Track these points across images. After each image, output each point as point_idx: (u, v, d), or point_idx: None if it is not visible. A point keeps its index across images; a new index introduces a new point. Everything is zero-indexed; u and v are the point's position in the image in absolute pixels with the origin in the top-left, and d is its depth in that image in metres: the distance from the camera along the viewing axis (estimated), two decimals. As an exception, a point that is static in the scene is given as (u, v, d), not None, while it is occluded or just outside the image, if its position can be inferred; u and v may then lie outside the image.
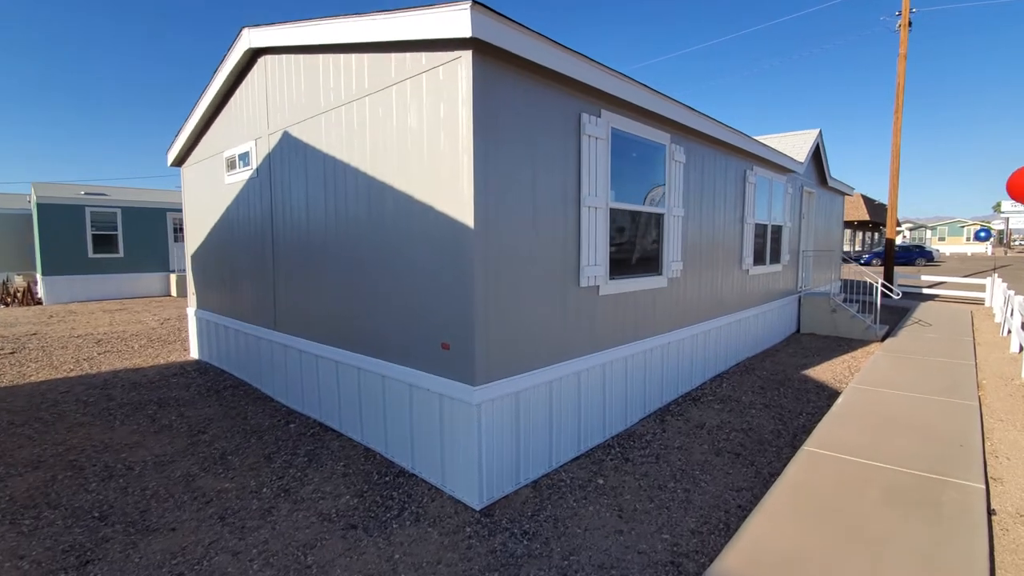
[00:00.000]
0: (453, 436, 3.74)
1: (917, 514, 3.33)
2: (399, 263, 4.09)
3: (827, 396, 6.16)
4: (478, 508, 3.60)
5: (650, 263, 5.51)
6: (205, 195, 7.54)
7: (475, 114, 3.36)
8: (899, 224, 62.03)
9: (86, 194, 16.99)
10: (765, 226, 8.46)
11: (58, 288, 15.96)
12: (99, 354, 8.66)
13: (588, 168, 4.40)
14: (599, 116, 4.51)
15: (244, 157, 6.26)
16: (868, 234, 54.03)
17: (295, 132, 5.27)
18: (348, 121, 4.51)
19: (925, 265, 32.85)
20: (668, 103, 5.16)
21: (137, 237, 17.31)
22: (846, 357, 8.16)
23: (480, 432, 3.58)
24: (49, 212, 15.88)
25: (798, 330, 10.40)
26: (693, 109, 5.62)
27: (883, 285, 9.50)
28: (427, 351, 3.89)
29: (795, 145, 10.13)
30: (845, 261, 15.24)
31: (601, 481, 4.03)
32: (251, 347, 6.56)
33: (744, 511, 3.58)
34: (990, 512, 3.52)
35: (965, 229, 66.92)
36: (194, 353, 8.50)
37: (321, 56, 4.82)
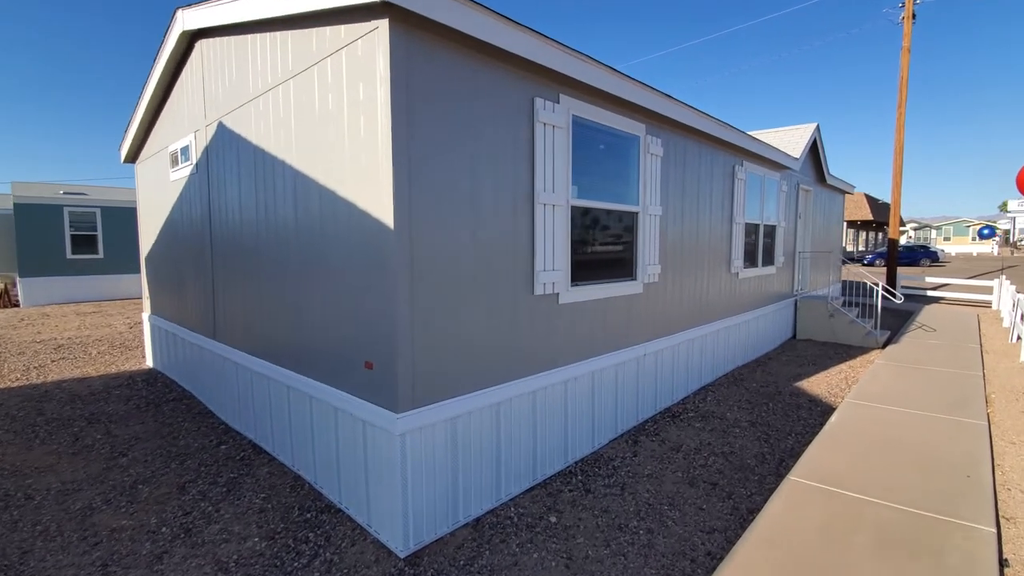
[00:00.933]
0: (377, 469, 3.23)
1: (914, 568, 2.80)
2: (323, 270, 3.59)
3: (820, 412, 5.63)
4: (403, 555, 3.09)
5: (622, 267, 4.99)
6: (154, 193, 7.06)
7: (394, 95, 2.85)
8: (903, 224, 61.24)
9: (65, 193, 16.55)
10: (757, 226, 7.92)
11: (36, 290, 15.54)
12: (52, 362, 8.19)
13: (544, 160, 3.89)
14: (557, 102, 4.00)
15: (185, 152, 5.77)
16: (872, 234, 53.31)
17: (228, 122, 4.77)
18: (275, 108, 4.01)
19: (930, 266, 32.17)
20: (640, 89, 4.64)
21: (117, 237, 16.86)
22: (843, 366, 7.62)
23: (405, 466, 3.07)
24: (26, 212, 15.46)
25: (794, 336, 9.85)
26: (670, 96, 5.10)
27: (884, 288, 8.95)
28: (352, 371, 3.38)
29: (791, 140, 9.59)
30: (847, 262, 14.66)
31: (554, 519, 3.52)
32: (195, 357, 6.07)
33: (714, 560, 3.06)
34: (1002, 563, 2.99)
35: (971, 229, 66.04)
36: (149, 361, 8.02)
37: (250, 36, 4.32)
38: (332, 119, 3.35)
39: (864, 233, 51.69)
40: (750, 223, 7.65)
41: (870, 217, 40.98)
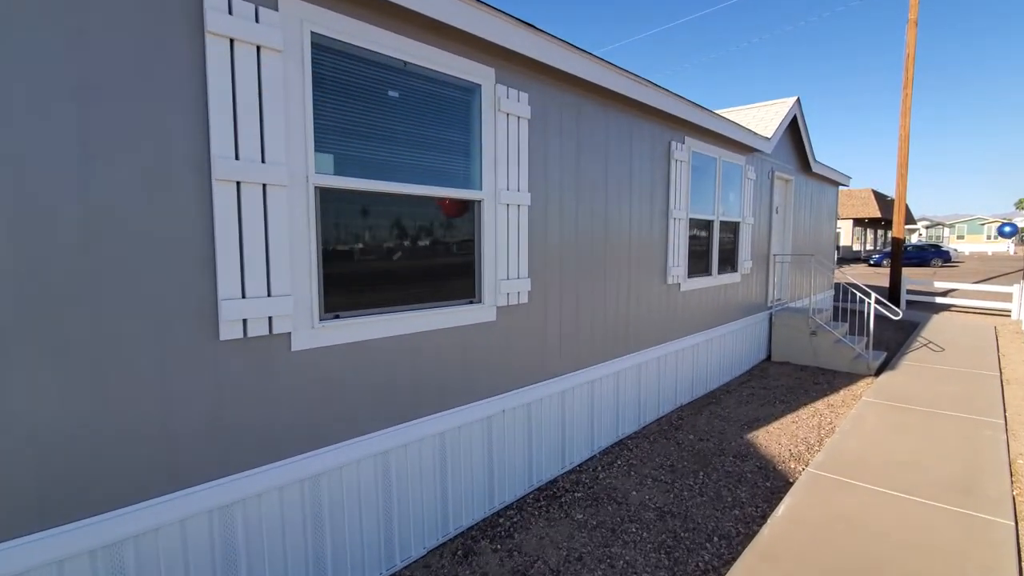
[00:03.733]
0: None
1: None
2: None
3: (768, 492, 3.89)
4: None
5: (451, 285, 3.29)
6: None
7: None
8: (915, 222, 58.81)
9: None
10: (709, 222, 6.17)
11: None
12: None
13: (243, 107, 2.22)
14: (275, 8, 2.32)
15: None
16: (881, 232, 51.03)
17: None
18: None
19: (942, 266, 30.05)
20: (470, 5, 2.94)
21: None
22: (821, 405, 5.85)
23: None
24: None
25: (769, 357, 8.08)
26: (539, 29, 3.39)
27: (878, 301, 7.16)
28: None
29: (763, 118, 7.81)
30: (847, 263, 12.84)
31: None
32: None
33: None
34: None
35: (986, 227, 63.38)
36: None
37: None
38: None
39: (872, 231, 49.44)
40: (698, 219, 5.91)
41: (878, 215, 38.82)
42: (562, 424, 4.15)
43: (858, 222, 43.80)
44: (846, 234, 43.12)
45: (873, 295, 7.15)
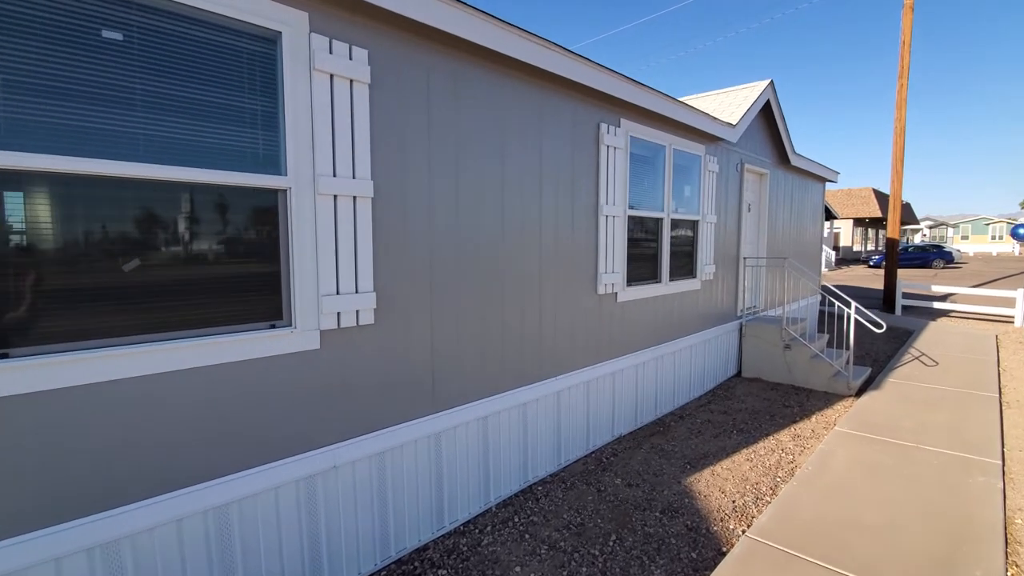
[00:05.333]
0: None
1: None
2: None
3: (690, 569, 3.02)
4: None
5: (241, 304, 2.43)
6: None
7: None
8: (918, 221, 57.66)
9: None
10: (658, 221, 5.30)
11: None
12: None
13: None
14: None
15: None
16: (883, 232, 49.92)
17: None
18: None
19: (944, 267, 28.99)
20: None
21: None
22: (785, 437, 4.97)
23: None
24: None
25: (739, 372, 7.19)
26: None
27: (859, 312, 6.26)
28: None
29: (732, 104, 6.92)
30: (851, 263, 11.93)
31: None
32: None
33: None
34: None
35: (990, 227, 62.12)
36: None
37: None
38: None
39: (874, 232, 48.37)
40: (642, 216, 5.03)
41: (879, 214, 37.77)
42: (438, 476, 3.29)
43: (858, 222, 42.77)
44: (846, 234, 42.11)
45: (854, 304, 6.26)
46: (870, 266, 30.16)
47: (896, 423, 5.06)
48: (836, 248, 38.76)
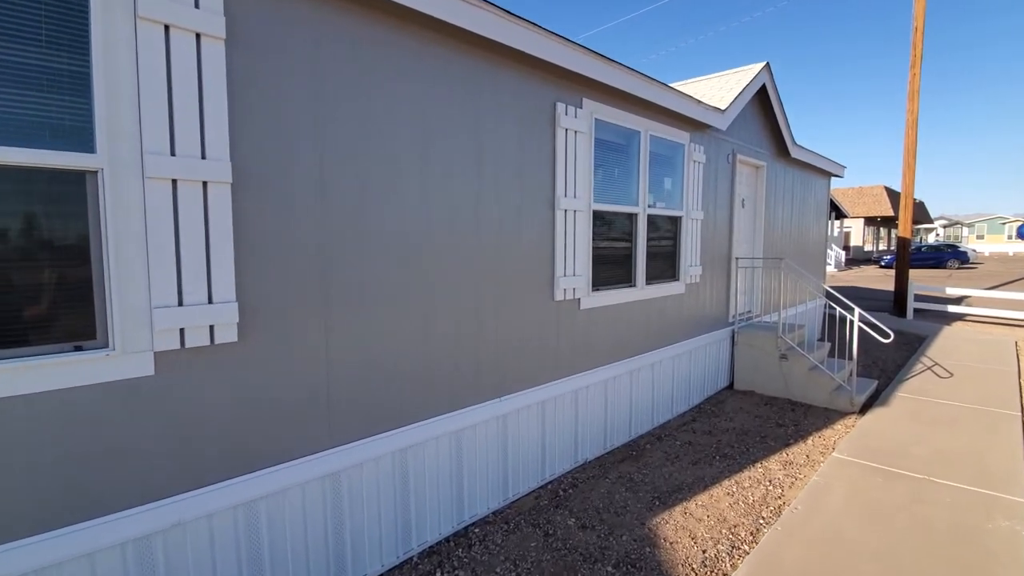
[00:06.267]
0: None
1: None
2: None
3: (641, 646, 2.41)
4: None
5: (52, 319, 1.86)
6: None
7: None
8: (932, 221, 56.29)
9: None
10: (632, 216, 4.69)
11: None
12: None
13: None
14: None
15: None
16: (896, 231, 48.69)
17: None
18: None
19: (958, 268, 27.98)
20: None
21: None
22: (775, 464, 4.34)
23: None
24: None
25: (731, 384, 6.55)
26: None
27: (862, 318, 5.60)
28: None
29: (724, 88, 6.28)
30: (862, 263, 11.20)
31: None
32: None
33: None
34: None
35: (1007, 226, 60.56)
36: None
37: None
38: None
39: (886, 231, 47.18)
40: (611, 211, 4.43)
41: (891, 213, 36.69)
42: (337, 524, 2.71)
43: (870, 221, 41.70)
44: (857, 233, 41.07)
45: (857, 311, 5.60)
46: (881, 266, 29.20)
47: (903, 448, 4.41)
48: (847, 248, 37.76)
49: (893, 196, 37.70)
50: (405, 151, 2.88)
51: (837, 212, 32.64)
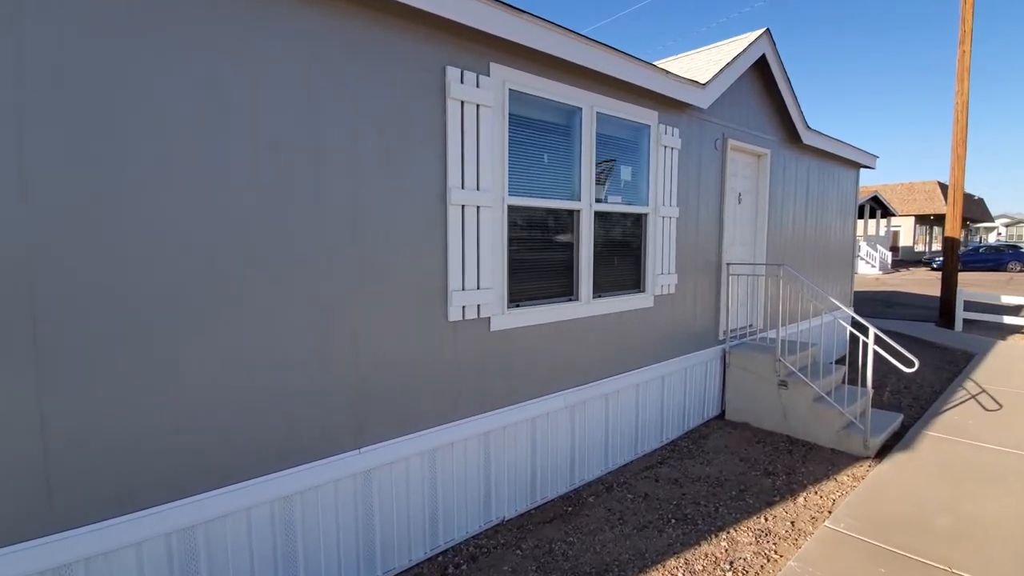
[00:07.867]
0: None
1: None
2: None
3: None
4: None
5: None
6: None
7: None
8: (992, 219, 52.05)
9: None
10: (572, 213, 3.77)
11: None
12: None
13: None
14: None
15: None
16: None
17: None
18: None
19: (1020, 271, 25.33)
20: None
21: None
22: (744, 535, 3.35)
23: None
24: None
25: (722, 413, 5.51)
26: None
27: (877, 339, 4.48)
28: None
29: (717, 62, 5.24)
30: (912, 265, 9.83)
31: None
32: None
33: None
34: None
35: (1081, 224, 55.37)
36: None
37: None
38: None
39: (940, 230, 43.75)
40: (540, 207, 3.54)
41: (944, 210, 33.82)
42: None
43: (922, 219, 38.71)
44: (907, 233, 38.25)
45: (872, 332, 4.49)
46: (933, 268, 26.80)
47: (925, 517, 3.35)
48: (895, 248, 35.10)
49: (948, 192, 34.84)
50: (209, 122, 2.10)
51: (883, 210, 30.29)
